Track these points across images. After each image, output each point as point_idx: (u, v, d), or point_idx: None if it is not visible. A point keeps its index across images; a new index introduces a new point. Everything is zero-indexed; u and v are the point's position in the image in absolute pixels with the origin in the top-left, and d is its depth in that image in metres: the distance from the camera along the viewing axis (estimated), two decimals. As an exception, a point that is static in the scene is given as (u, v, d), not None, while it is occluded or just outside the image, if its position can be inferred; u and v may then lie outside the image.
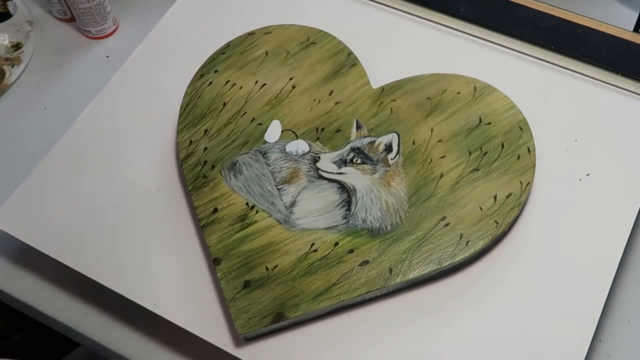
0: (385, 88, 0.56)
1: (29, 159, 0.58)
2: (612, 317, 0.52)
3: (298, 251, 0.49)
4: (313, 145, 0.54)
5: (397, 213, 0.50)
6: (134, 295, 0.50)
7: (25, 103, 0.67)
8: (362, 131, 0.54)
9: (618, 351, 0.51)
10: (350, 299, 0.47)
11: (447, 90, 0.55)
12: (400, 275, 0.48)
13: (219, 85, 0.56)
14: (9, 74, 0.67)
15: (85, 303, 0.54)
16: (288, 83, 0.56)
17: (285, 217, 0.50)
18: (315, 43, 0.58)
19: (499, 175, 0.51)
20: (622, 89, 0.57)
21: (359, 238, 0.49)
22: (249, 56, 0.58)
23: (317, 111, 0.55)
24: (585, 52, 0.58)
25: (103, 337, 0.53)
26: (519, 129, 0.52)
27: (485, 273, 0.49)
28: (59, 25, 0.71)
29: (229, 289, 0.48)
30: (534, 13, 0.60)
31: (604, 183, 0.52)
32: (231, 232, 0.50)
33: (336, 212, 0.50)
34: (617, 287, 0.53)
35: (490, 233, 0.49)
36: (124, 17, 0.70)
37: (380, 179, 0.51)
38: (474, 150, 0.52)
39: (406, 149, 0.53)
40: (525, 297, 0.48)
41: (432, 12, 0.61)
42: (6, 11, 0.71)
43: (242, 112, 0.55)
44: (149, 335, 0.53)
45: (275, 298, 0.47)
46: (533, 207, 0.51)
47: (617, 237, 0.50)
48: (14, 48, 0.69)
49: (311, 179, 0.52)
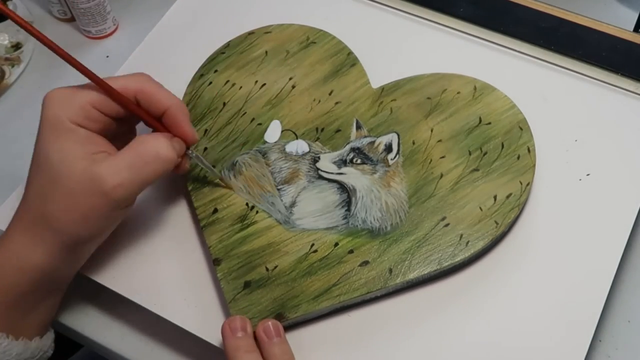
0: (385, 88, 0.56)
1: (29, 159, 0.58)
2: (612, 317, 0.52)
3: (298, 252, 0.49)
4: (313, 145, 0.54)
5: (397, 213, 0.50)
6: (134, 295, 0.50)
7: (25, 103, 0.67)
8: (362, 131, 0.54)
9: (618, 351, 0.51)
10: (350, 299, 0.47)
11: (447, 90, 0.55)
12: (400, 276, 0.48)
13: (218, 85, 0.56)
14: (9, 74, 0.67)
15: (86, 303, 0.54)
16: (288, 83, 0.56)
17: (285, 217, 0.50)
18: (315, 43, 0.58)
19: (499, 175, 0.51)
20: (622, 89, 0.57)
21: (359, 238, 0.49)
22: (248, 56, 0.58)
23: (317, 111, 0.55)
24: (585, 52, 0.58)
25: (103, 337, 0.53)
26: (519, 129, 0.52)
27: (485, 273, 0.49)
28: (59, 25, 0.71)
29: (229, 289, 0.48)
30: (534, 13, 0.60)
31: (604, 183, 0.52)
32: (231, 232, 0.50)
33: (336, 212, 0.50)
34: (617, 287, 0.53)
35: (490, 233, 0.49)
36: (124, 17, 0.70)
37: (380, 179, 0.51)
38: (474, 150, 0.52)
39: (406, 149, 0.53)
40: (525, 297, 0.48)
41: (432, 12, 0.61)
42: (6, 11, 0.71)
43: (242, 112, 0.55)
44: (149, 335, 0.53)
45: (276, 299, 0.47)
46: (533, 207, 0.51)
47: (617, 237, 0.50)
48: (14, 48, 0.69)
49: (311, 179, 0.52)
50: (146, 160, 0.45)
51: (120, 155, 0.45)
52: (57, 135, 0.44)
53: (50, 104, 0.45)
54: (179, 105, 0.47)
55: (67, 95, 0.45)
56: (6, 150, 0.64)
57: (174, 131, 0.48)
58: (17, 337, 0.46)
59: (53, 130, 0.45)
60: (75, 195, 0.44)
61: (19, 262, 0.45)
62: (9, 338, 0.46)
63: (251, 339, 0.45)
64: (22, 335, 0.47)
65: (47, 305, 0.49)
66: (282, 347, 0.45)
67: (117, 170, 0.44)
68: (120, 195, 0.44)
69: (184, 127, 0.48)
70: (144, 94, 0.47)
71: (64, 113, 0.45)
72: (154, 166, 0.45)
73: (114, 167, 0.44)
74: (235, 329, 0.45)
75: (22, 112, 0.66)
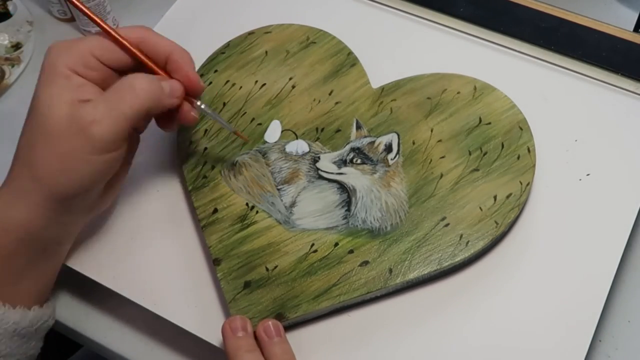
0: (385, 88, 0.56)
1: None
2: (612, 317, 0.52)
3: (298, 252, 0.49)
4: (313, 145, 0.54)
5: (397, 213, 0.50)
6: (134, 295, 0.50)
7: (25, 103, 0.66)
8: (362, 131, 0.54)
9: (618, 351, 0.51)
10: (350, 299, 0.47)
11: (447, 90, 0.55)
12: (400, 276, 0.48)
13: (218, 85, 0.56)
14: (9, 74, 0.67)
15: (85, 303, 0.54)
16: (288, 83, 0.56)
17: (285, 217, 0.50)
18: (315, 42, 0.58)
19: (499, 175, 0.51)
20: (622, 89, 0.57)
21: (359, 238, 0.49)
22: (248, 56, 0.58)
23: (317, 111, 0.55)
24: (585, 52, 0.58)
25: (103, 337, 0.53)
26: (519, 128, 0.52)
27: (485, 273, 0.49)
28: (59, 25, 0.71)
29: (229, 289, 0.48)
30: (534, 13, 0.60)
31: (604, 183, 0.52)
32: (231, 232, 0.50)
33: (336, 212, 0.50)
34: (617, 287, 0.53)
35: (490, 233, 0.49)
36: (124, 17, 0.70)
37: (380, 179, 0.51)
38: (474, 150, 0.52)
39: (406, 149, 0.53)
40: (525, 298, 0.48)
41: (432, 12, 0.61)
42: (6, 11, 0.71)
43: (242, 112, 0.55)
44: (149, 335, 0.53)
45: (276, 299, 0.47)
46: (533, 207, 0.51)
47: (617, 237, 0.50)
48: (14, 48, 0.69)
49: (311, 179, 0.52)
50: (121, 94, 0.44)
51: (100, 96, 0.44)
52: (50, 81, 0.44)
53: (51, 52, 0.45)
54: (181, 51, 0.47)
55: (68, 43, 0.45)
56: (6, 150, 0.64)
57: (176, 77, 0.47)
58: (13, 306, 0.45)
59: (47, 77, 0.44)
60: (54, 138, 0.43)
61: (1, 222, 0.44)
62: (5, 306, 0.45)
63: (252, 338, 0.45)
64: (19, 303, 0.46)
65: (42, 272, 0.47)
66: (282, 347, 0.45)
67: (93, 106, 0.43)
68: (97, 132, 0.42)
69: (186, 71, 0.47)
70: (146, 41, 0.46)
71: (61, 60, 0.44)
72: (130, 99, 0.44)
73: (92, 105, 0.43)
74: (235, 328, 0.45)
75: (22, 112, 0.66)
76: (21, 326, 0.46)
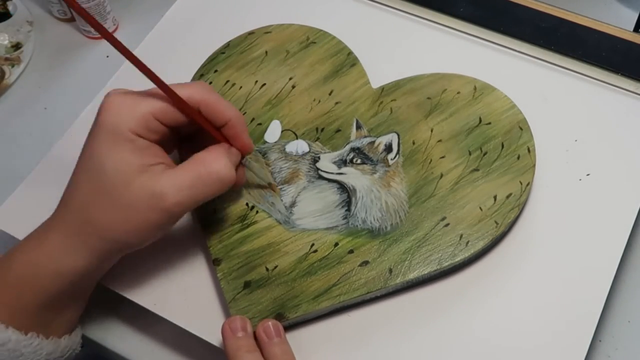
0: (385, 88, 0.56)
1: (29, 159, 0.58)
2: (612, 317, 0.52)
3: (298, 252, 0.49)
4: (313, 145, 0.54)
5: (397, 213, 0.50)
6: (134, 295, 0.50)
7: (25, 103, 0.67)
8: (362, 131, 0.54)
9: (618, 351, 0.51)
10: (350, 299, 0.47)
11: (447, 90, 0.55)
12: (400, 276, 0.48)
13: (218, 85, 0.56)
14: (9, 74, 0.67)
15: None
16: (288, 83, 0.56)
17: (285, 217, 0.50)
18: (315, 42, 0.58)
19: (499, 175, 0.51)
20: (622, 89, 0.57)
21: (359, 238, 0.49)
22: (248, 56, 0.58)
23: (316, 111, 0.55)
24: (585, 52, 0.58)
25: (103, 337, 0.53)
26: (519, 129, 0.52)
27: (485, 273, 0.49)
28: (59, 25, 0.71)
29: (229, 289, 0.48)
30: (534, 13, 0.60)
31: (604, 183, 0.52)
32: (231, 232, 0.50)
33: (336, 212, 0.50)
34: (617, 287, 0.53)
35: (490, 233, 0.49)
36: (124, 17, 0.70)
37: (380, 179, 0.51)
38: (474, 150, 0.52)
39: (406, 149, 0.53)
40: (525, 297, 0.48)
41: (432, 12, 0.61)
42: (6, 11, 0.71)
43: (242, 112, 0.55)
44: (149, 335, 0.53)
45: (276, 299, 0.47)
46: (533, 207, 0.51)
47: (617, 237, 0.50)
48: (14, 48, 0.69)
49: (311, 179, 0.52)
50: (207, 182, 0.44)
51: (180, 172, 0.44)
52: (114, 143, 0.43)
53: (110, 109, 0.44)
54: (239, 117, 0.47)
55: (129, 103, 0.44)
56: (6, 150, 0.64)
57: (233, 142, 0.47)
58: (47, 337, 0.46)
59: (110, 138, 0.43)
60: (133, 209, 0.43)
61: (57, 265, 0.44)
62: (40, 337, 0.45)
63: (251, 338, 0.45)
64: (52, 334, 0.46)
65: (80, 305, 0.49)
66: (282, 347, 0.45)
67: (178, 188, 0.43)
68: (179, 212, 0.44)
69: (244, 139, 0.47)
70: (207, 104, 0.46)
71: (124, 122, 0.43)
72: (214, 187, 0.45)
73: (176, 185, 0.43)
74: (235, 329, 0.45)
75: (22, 112, 0.66)
76: (53, 356, 0.46)
